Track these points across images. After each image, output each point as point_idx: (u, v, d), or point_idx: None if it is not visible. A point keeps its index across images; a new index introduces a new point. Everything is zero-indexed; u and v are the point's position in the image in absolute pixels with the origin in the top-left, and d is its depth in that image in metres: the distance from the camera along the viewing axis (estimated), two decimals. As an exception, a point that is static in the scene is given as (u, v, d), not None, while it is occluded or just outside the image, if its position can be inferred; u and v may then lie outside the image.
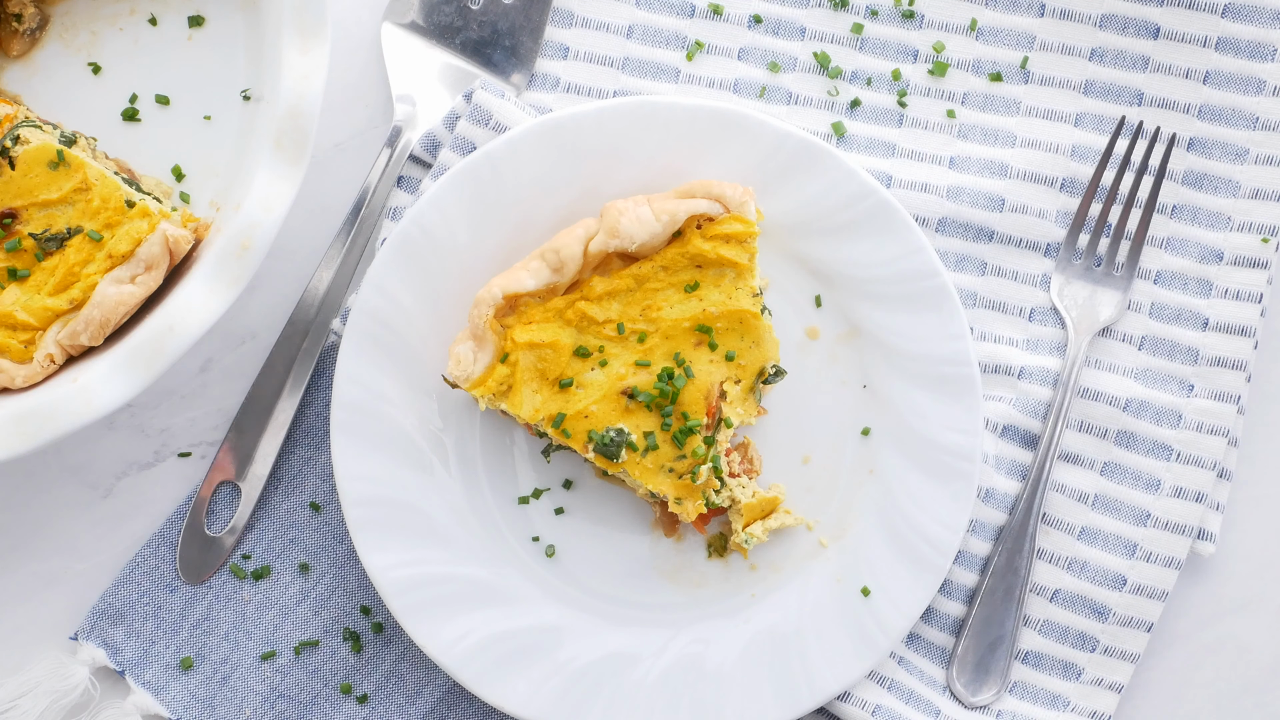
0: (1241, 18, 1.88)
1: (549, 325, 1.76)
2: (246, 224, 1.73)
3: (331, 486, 1.89)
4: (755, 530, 1.80)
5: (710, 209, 1.78)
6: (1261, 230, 1.88)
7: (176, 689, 1.86)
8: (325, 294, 1.87)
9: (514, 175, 1.81)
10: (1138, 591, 1.85)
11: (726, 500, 1.79)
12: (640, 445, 1.75)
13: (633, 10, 1.91)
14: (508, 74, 1.91)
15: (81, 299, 1.76)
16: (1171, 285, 1.89)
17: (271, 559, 1.88)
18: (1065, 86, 1.90)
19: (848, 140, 1.90)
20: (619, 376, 1.76)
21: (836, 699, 1.83)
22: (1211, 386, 1.87)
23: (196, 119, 1.88)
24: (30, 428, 1.71)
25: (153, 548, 1.87)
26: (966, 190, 1.88)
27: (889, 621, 1.81)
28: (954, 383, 1.81)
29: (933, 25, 1.91)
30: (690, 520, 1.77)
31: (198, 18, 1.88)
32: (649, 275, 1.77)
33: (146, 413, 1.89)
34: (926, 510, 1.81)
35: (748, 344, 1.77)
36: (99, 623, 1.86)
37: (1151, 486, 1.86)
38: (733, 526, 1.81)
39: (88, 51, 1.88)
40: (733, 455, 1.81)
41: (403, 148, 1.89)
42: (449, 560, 1.82)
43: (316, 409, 1.89)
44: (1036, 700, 1.86)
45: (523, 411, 1.75)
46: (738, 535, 1.80)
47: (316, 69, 1.76)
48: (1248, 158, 1.88)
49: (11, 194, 1.77)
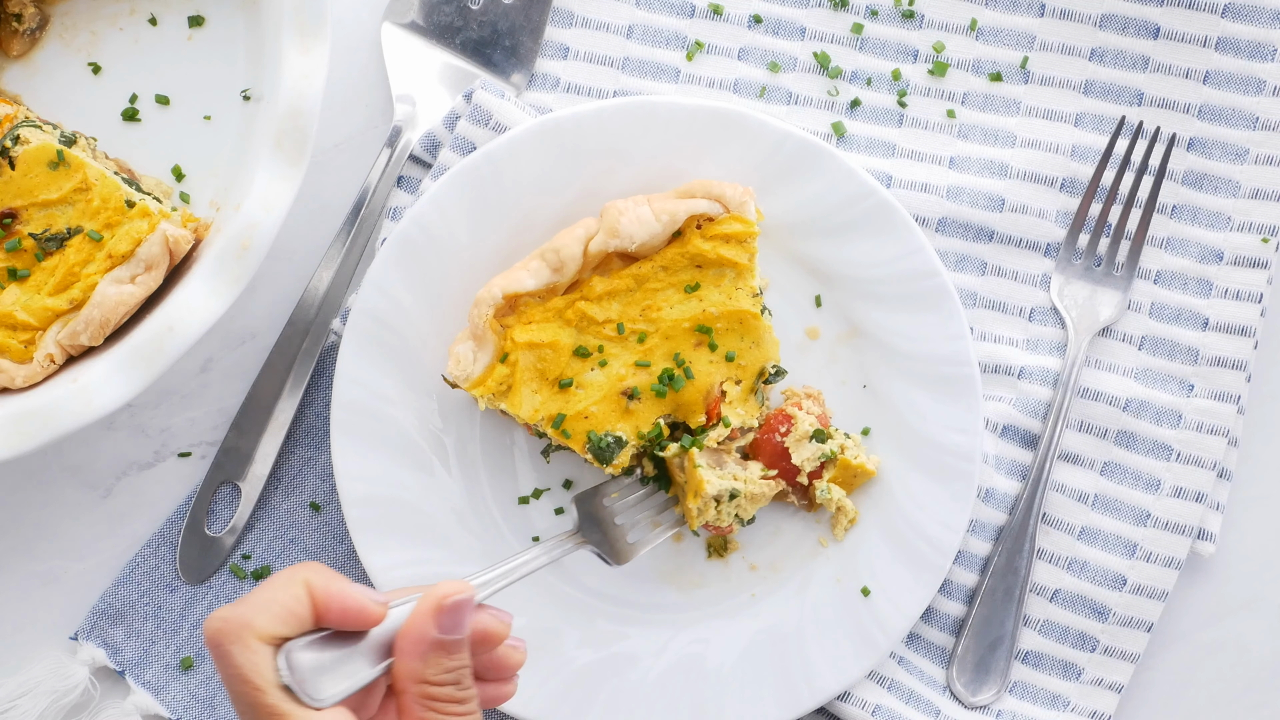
0: (1241, 18, 1.88)
1: (549, 325, 1.76)
2: (246, 224, 1.73)
3: (331, 486, 1.89)
4: (846, 506, 1.81)
5: (710, 209, 1.78)
6: (1261, 230, 1.88)
7: (176, 689, 1.86)
8: (325, 294, 1.87)
9: (514, 175, 1.81)
10: (1138, 591, 1.85)
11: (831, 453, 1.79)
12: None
13: (633, 10, 1.91)
14: (508, 74, 1.91)
15: (81, 299, 1.76)
16: (1171, 285, 1.89)
17: (271, 559, 1.88)
18: (1065, 86, 1.90)
19: (848, 140, 1.90)
20: (619, 377, 1.76)
21: (836, 699, 1.83)
22: (1211, 386, 1.87)
23: (196, 119, 1.88)
24: (30, 428, 1.71)
25: (153, 548, 1.87)
26: (966, 190, 1.88)
27: (889, 621, 1.81)
28: (954, 383, 1.81)
29: (933, 25, 1.91)
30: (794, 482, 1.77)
31: (198, 18, 1.88)
32: (649, 275, 1.77)
33: (146, 413, 1.89)
34: (926, 510, 1.81)
35: (748, 344, 1.77)
36: (99, 623, 1.86)
37: (1151, 486, 1.86)
38: (816, 486, 1.80)
39: (88, 51, 1.88)
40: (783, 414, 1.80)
41: (403, 148, 1.89)
42: (449, 560, 1.82)
43: (316, 409, 1.89)
44: (1036, 700, 1.86)
45: (522, 411, 1.75)
46: (843, 511, 1.81)
47: (316, 69, 1.76)
48: (1248, 158, 1.88)
49: (11, 194, 1.77)
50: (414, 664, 1.45)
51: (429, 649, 1.45)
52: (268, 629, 1.41)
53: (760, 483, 1.77)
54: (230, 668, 1.40)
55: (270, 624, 1.41)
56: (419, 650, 1.45)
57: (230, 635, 1.40)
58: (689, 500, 1.75)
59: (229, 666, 1.40)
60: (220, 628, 1.41)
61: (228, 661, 1.40)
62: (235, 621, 1.41)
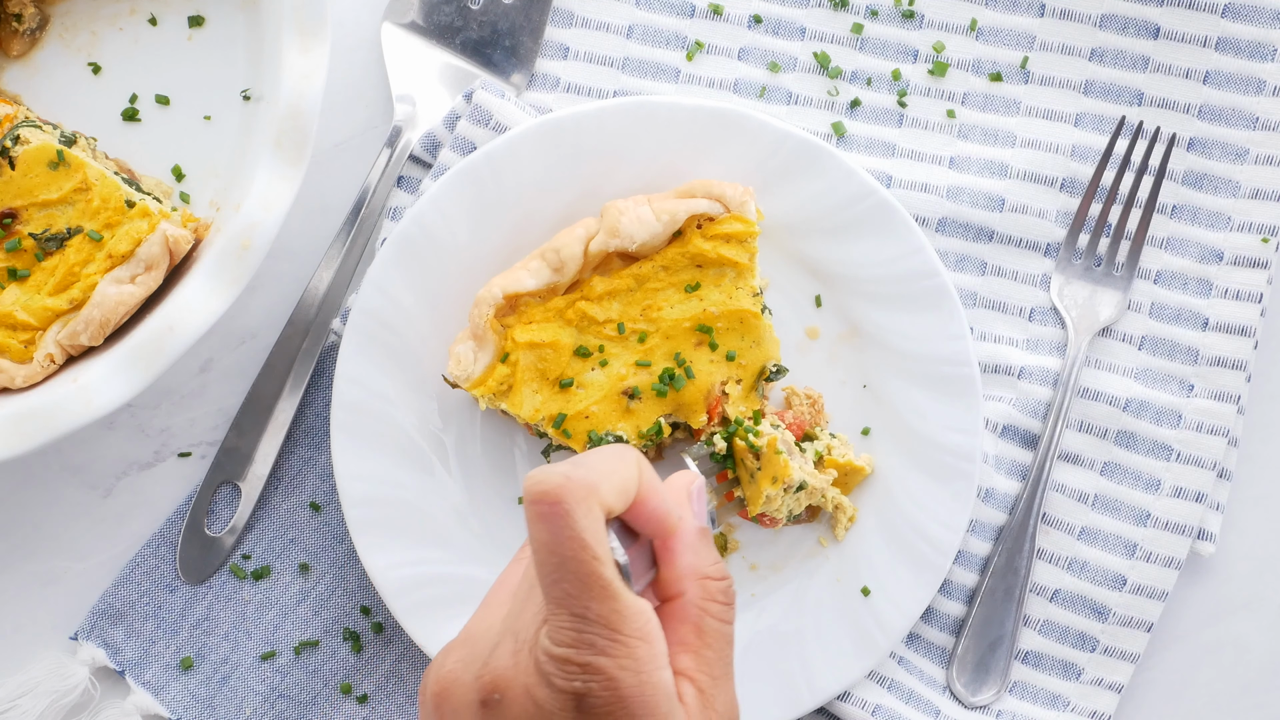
0: (1241, 18, 1.88)
1: (549, 325, 1.76)
2: (246, 224, 1.73)
3: (331, 486, 1.89)
4: (845, 504, 1.80)
5: (710, 209, 1.78)
6: (1261, 230, 1.88)
7: (176, 689, 1.86)
8: (325, 294, 1.87)
9: (514, 175, 1.81)
10: (1138, 591, 1.85)
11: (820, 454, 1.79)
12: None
13: (633, 10, 1.91)
14: (508, 74, 1.91)
15: (81, 299, 1.76)
16: (1171, 285, 1.89)
17: (271, 559, 1.88)
18: (1065, 86, 1.90)
19: (848, 140, 1.90)
20: (619, 377, 1.76)
21: (836, 699, 1.83)
22: (1211, 386, 1.87)
23: (196, 119, 1.88)
24: (30, 428, 1.71)
25: (153, 548, 1.87)
26: (966, 190, 1.88)
27: (889, 621, 1.81)
28: (954, 383, 1.81)
29: (933, 25, 1.91)
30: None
31: (198, 18, 1.88)
32: (649, 275, 1.77)
33: (146, 413, 1.89)
34: (926, 510, 1.81)
35: (748, 344, 1.77)
36: (99, 623, 1.86)
37: (1151, 486, 1.86)
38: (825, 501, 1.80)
39: (88, 51, 1.88)
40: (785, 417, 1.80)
41: (403, 148, 1.89)
42: (450, 560, 1.82)
43: (316, 409, 1.89)
44: (1036, 700, 1.86)
45: (523, 411, 1.75)
46: (842, 510, 1.81)
47: (316, 69, 1.76)
48: (1248, 158, 1.88)
49: (11, 194, 1.77)
50: (689, 557, 1.33)
51: (698, 539, 1.35)
52: (608, 500, 1.27)
53: (821, 478, 1.77)
54: (569, 529, 1.24)
55: (611, 495, 1.27)
56: (690, 541, 1.34)
57: (576, 495, 1.24)
58: (763, 484, 1.73)
59: (567, 528, 1.24)
60: (564, 484, 1.24)
61: (567, 523, 1.24)
62: (581, 482, 1.25)
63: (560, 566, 1.24)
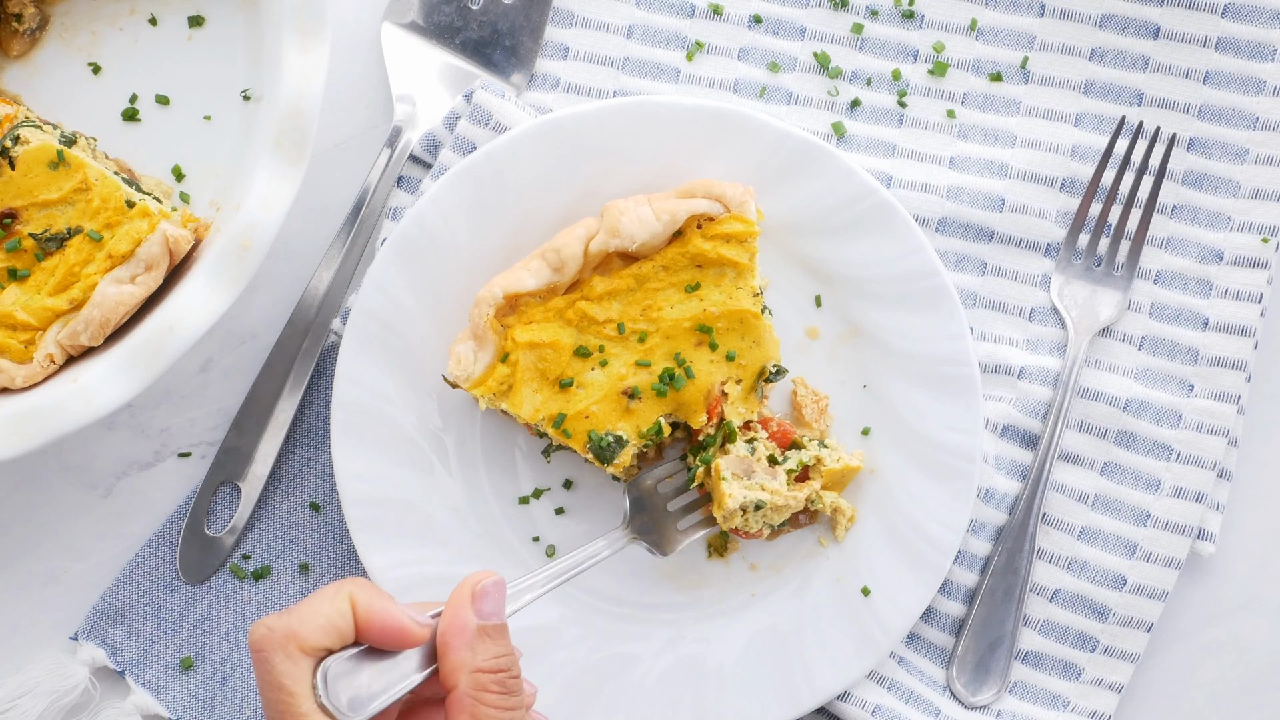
0: (1241, 18, 1.88)
1: (549, 325, 1.76)
2: (246, 224, 1.73)
3: (331, 486, 1.89)
4: (843, 505, 1.81)
5: (710, 209, 1.78)
6: (1261, 230, 1.88)
7: (176, 689, 1.86)
8: (325, 294, 1.87)
9: (514, 175, 1.81)
10: (1138, 591, 1.85)
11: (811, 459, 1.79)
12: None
13: (633, 10, 1.91)
14: (508, 74, 1.91)
15: (81, 299, 1.76)
16: (1171, 285, 1.89)
17: (271, 559, 1.88)
18: (1065, 86, 1.90)
19: (848, 140, 1.90)
20: (619, 376, 1.76)
21: (836, 699, 1.83)
22: (1211, 386, 1.87)
23: (196, 119, 1.88)
24: (30, 428, 1.71)
25: (153, 548, 1.87)
26: (966, 190, 1.88)
27: (889, 621, 1.81)
28: (954, 383, 1.81)
29: (933, 25, 1.91)
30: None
31: (198, 18, 1.88)
32: (649, 275, 1.77)
33: (146, 413, 1.89)
34: (926, 510, 1.81)
35: (748, 344, 1.77)
36: (99, 623, 1.86)
37: (1151, 486, 1.86)
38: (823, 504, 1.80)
39: (88, 51, 1.88)
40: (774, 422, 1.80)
41: (403, 148, 1.89)
42: (449, 560, 1.82)
43: (316, 409, 1.89)
44: (1036, 700, 1.86)
45: (523, 411, 1.75)
46: (840, 512, 1.81)
47: (316, 69, 1.76)
48: (1248, 158, 1.88)
49: (11, 194, 1.77)
50: (463, 654, 1.49)
51: (474, 637, 1.49)
52: (311, 640, 1.45)
53: (787, 494, 1.77)
54: (270, 675, 1.44)
55: (314, 636, 1.45)
56: (465, 639, 1.49)
57: (274, 643, 1.45)
58: (714, 509, 1.76)
59: (269, 674, 1.44)
60: (265, 635, 1.45)
61: (268, 669, 1.44)
62: (280, 630, 1.45)
63: (269, 704, 1.45)
